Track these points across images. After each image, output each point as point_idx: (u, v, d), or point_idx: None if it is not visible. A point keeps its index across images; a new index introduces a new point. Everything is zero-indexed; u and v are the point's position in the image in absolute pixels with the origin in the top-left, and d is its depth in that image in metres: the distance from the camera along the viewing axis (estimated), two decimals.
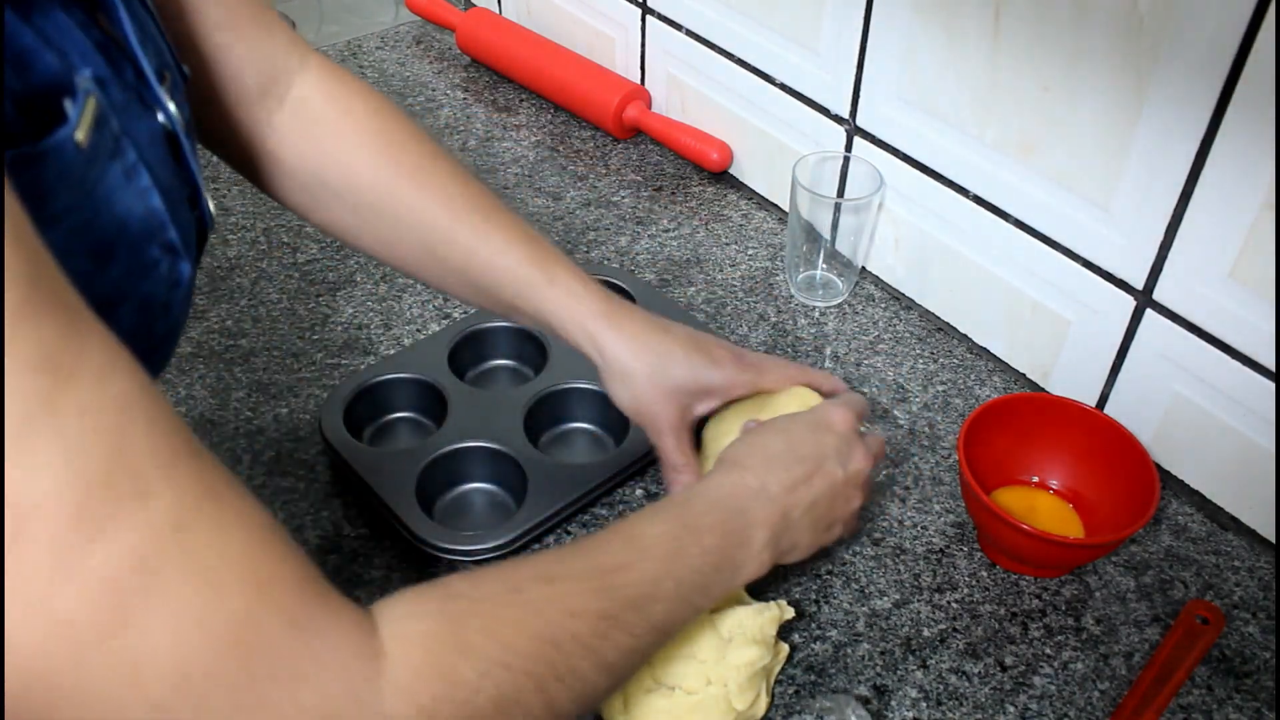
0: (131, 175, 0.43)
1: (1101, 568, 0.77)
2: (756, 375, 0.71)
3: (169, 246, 0.46)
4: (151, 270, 0.46)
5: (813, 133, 1.02)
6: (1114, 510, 0.75)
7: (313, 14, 1.46)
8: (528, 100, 1.27)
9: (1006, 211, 0.87)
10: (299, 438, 0.84)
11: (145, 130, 0.46)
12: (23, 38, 0.38)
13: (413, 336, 0.93)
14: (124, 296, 0.44)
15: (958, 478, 0.81)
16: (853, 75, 0.95)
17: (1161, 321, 0.79)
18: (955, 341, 0.96)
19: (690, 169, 1.16)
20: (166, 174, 0.47)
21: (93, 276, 0.42)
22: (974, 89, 0.84)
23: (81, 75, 0.40)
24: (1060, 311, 0.87)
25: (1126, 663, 0.71)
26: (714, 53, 1.09)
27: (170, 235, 0.46)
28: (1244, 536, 0.80)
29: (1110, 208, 0.79)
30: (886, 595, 0.75)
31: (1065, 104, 0.78)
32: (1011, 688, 0.69)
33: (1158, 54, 0.71)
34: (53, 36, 0.40)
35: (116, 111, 0.43)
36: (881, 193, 0.95)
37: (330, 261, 1.01)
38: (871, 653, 0.71)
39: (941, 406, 0.89)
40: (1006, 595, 0.75)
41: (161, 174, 0.46)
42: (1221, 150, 0.70)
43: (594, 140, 1.20)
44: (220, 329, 0.93)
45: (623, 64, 1.23)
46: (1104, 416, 0.78)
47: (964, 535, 0.79)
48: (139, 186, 0.44)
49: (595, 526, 0.78)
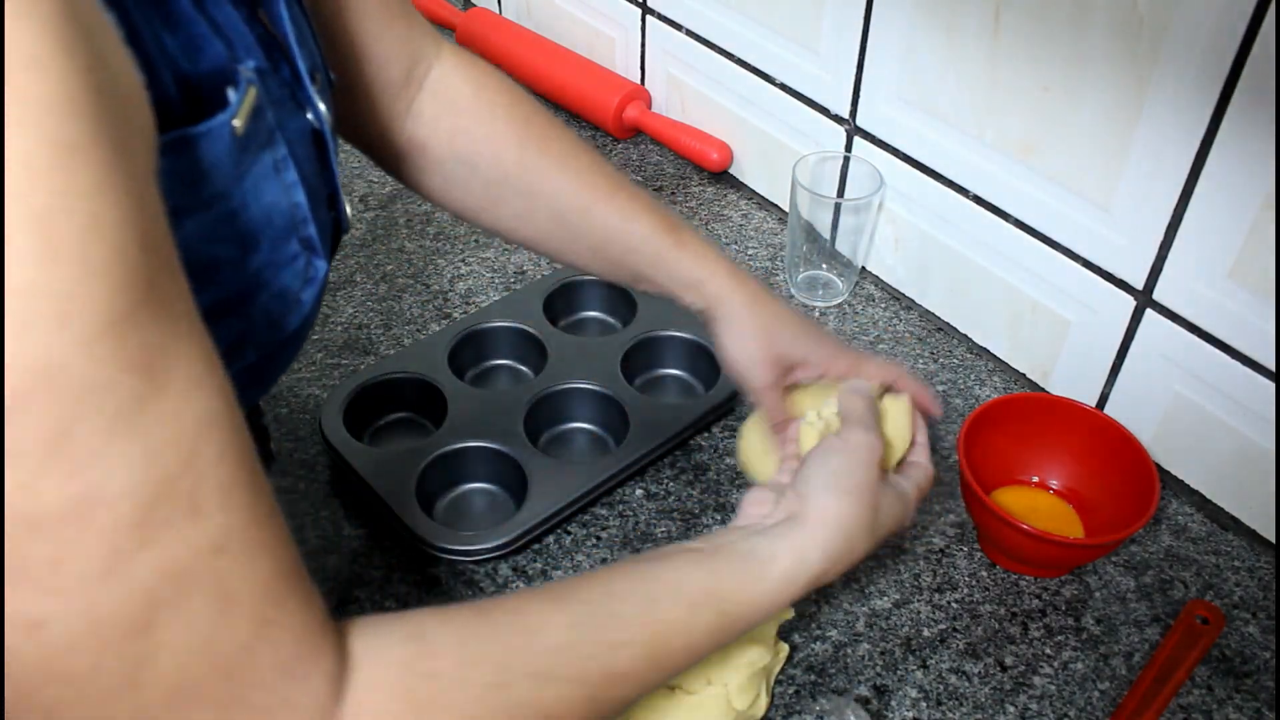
0: (281, 168, 0.45)
1: (1101, 568, 0.77)
2: (856, 361, 0.72)
3: (308, 242, 0.48)
4: (290, 263, 0.47)
5: (813, 133, 1.02)
6: (1114, 510, 0.75)
7: None
8: None
9: (1006, 211, 0.87)
10: (299, 438, 0.84)
11: (296, 127, 0.47)
12: (196, 25, 0.40)
13: (413, 336, 0.93)
14: (262, 286, 0.46)
15: (958, 478, 0.81)
16: (853, 75, 0.95)
17: (1161, 321, 0.79)
18: (955, 341, 0.96)
19: (690, 169, 1.16)
20: (311, 171, 0.48)
21: (237, 264, 0.44)
22: (974, 89, 0.84)
23: (245, 66, 0.42)
24: (1060, 311, 0.87)
25: (1126, 663, 0.71)
26: (714, 53, 1.09)
27: (309, 231, 0.48)
28: (1244, 536, 0.80)
29: (1110, 208, 0.79)
30: (886, 595, 0.75)
31: (1065, 104, 0.78)
32: (1011, 688, 0.69)
33: (1158, 54, 0.71)
34: (223, 26, 0.42)
35: (272, 105, 0.45)
36: (881, 193, 0.95)
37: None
38: (871, 653, 0.71)
39: (941, 406, 0.89)
40: (1006, 595, 0.75)
41: (308, 171, 0.48)
42: (1221, 150, 0.70)
43: (594, 140, 1.20)
44: None
45: (623, 64, 1.23)
46: (1104, 416, 0.78)
47: (964, 535, 0.79)
48: (286, 180, 0.46)
49: (595, 526, 0.78)
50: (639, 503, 0.80)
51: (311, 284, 0.49)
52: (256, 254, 0.45)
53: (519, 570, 0.75)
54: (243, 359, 0.46)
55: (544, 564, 0.76)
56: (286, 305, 0.48)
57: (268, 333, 0.47)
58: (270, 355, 0.48)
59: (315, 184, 0.49)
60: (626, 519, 0.79)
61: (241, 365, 0.46)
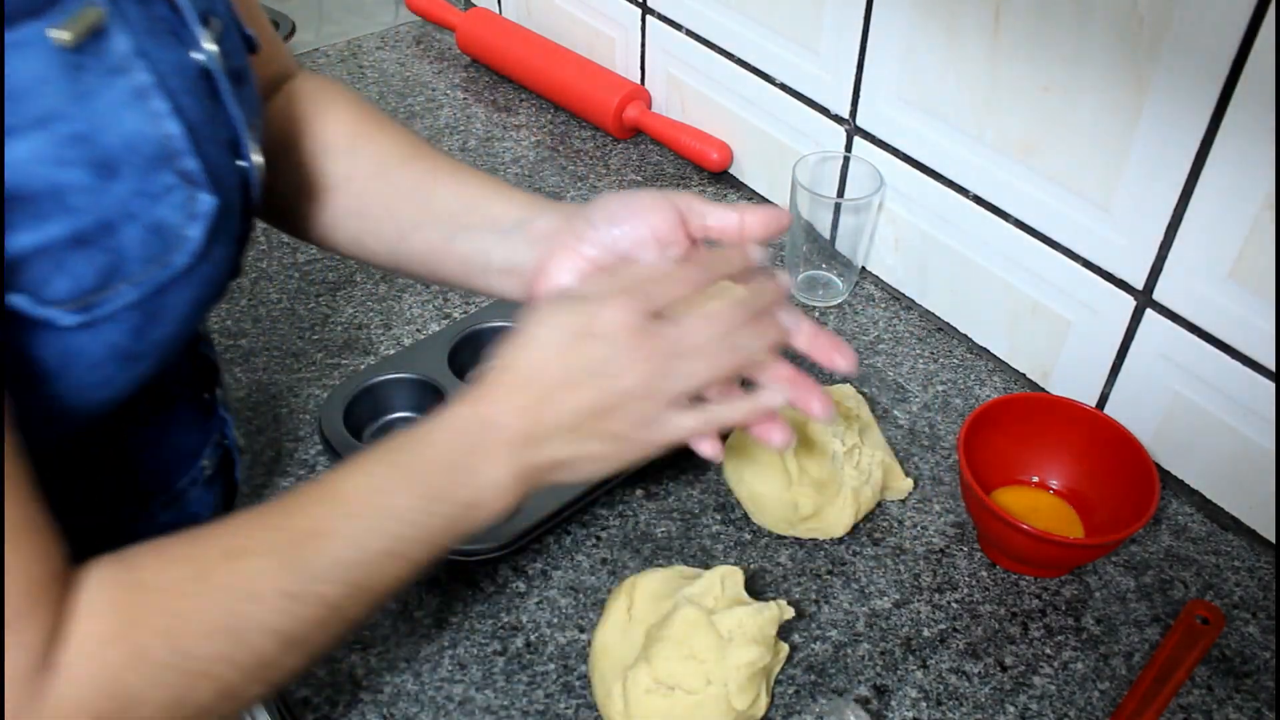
0: (144, 96, 0.45)
1: (1101, 568, 0.77)
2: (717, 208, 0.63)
3: (188, 175, 0.47)
4: (165, 195, 0.46)
5: (813, 133, 1.02)
6: (1114, 510, 0.75)
7: (313, 14, 1.46)
8: (528, 100, 1.27)
9: (1006, 211, 0.87)
10: (299, 438, 0.84)
11: (173, 60, 0.47)
12: None
13: (413, 336, 0.93)
14: (130, 217, 0.45)
15: (958, 478, 0.81)
16: (853, 75, 0.95)
17: (1161, 321, 0.79)
18: (955, 341, 0.96)
19: (690, 169, 1.16)
20: (194, 107, 0.48)
21: (93, 191, 0.43)
22: (974, 89, 0.84)
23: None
24: (1060, 311, 0.87)
25: (1126, 663, 0.71)
26: (714, 53, 1.09)
27: (188, 164, 0.47)
28: (1244, 536, 0.80)
29: (1110, 208, 0.79)
30: (886, 595, 0.75)
31: (1065, 104, 0.78)
32: (1011, 688, 0.69)
33: (1158, 54, 0.71)
34: None
35: (134, 33, 0.45)
36: (881, 193, 0.95)
37: (330, 261, 1.01)
38: (871, 653, 0.71)
39: (941, 406, 0.89)
40: (1006, 595, 0.75)
41: (188, 105, 0.47)
42: (1221, 150, 0.70)
43: (594, 140, 1.20)
44: (220, 329, 0.93)
45: (623, 64, 1.23)
46: (1104, 416, 0.78)
47: (964, 535, 0.79)
48: (152, 109, 0.45)
49: (595, 526, 0.78)
50: (639, 503, 0.80)
51: (197, 219, 0.48)
52: (117, 182, 0.44)
53: (519, 570, 0.75)
54: (120, 296, 0.46)
55: (544, 564, 0.76)
56: (167, 240, 0.47)
57: (145, 268, 0.46)
58: (160, 293, 0.47)
59: (200, 121, 0.48)
60: (626, 519, 0.79)
61: (122, 303, 0.46)
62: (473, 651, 0.70)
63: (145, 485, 0.61)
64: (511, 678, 0.69)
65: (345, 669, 0.69)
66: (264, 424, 0.85)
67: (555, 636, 0.71)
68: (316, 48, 1.35)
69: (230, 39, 0.54)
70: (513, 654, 0.70)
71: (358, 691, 0.68)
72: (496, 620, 0.72)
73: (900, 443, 0.86)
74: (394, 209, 0.67)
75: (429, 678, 0.69)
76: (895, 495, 0.81)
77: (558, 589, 0.74)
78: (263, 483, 0.80)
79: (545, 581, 0.75)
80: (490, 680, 0.69)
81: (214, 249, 0.50)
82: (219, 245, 0.50)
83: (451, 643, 0.71)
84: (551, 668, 0.69)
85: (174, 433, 0.62)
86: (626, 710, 0.63)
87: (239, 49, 0.55)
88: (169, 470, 0.62)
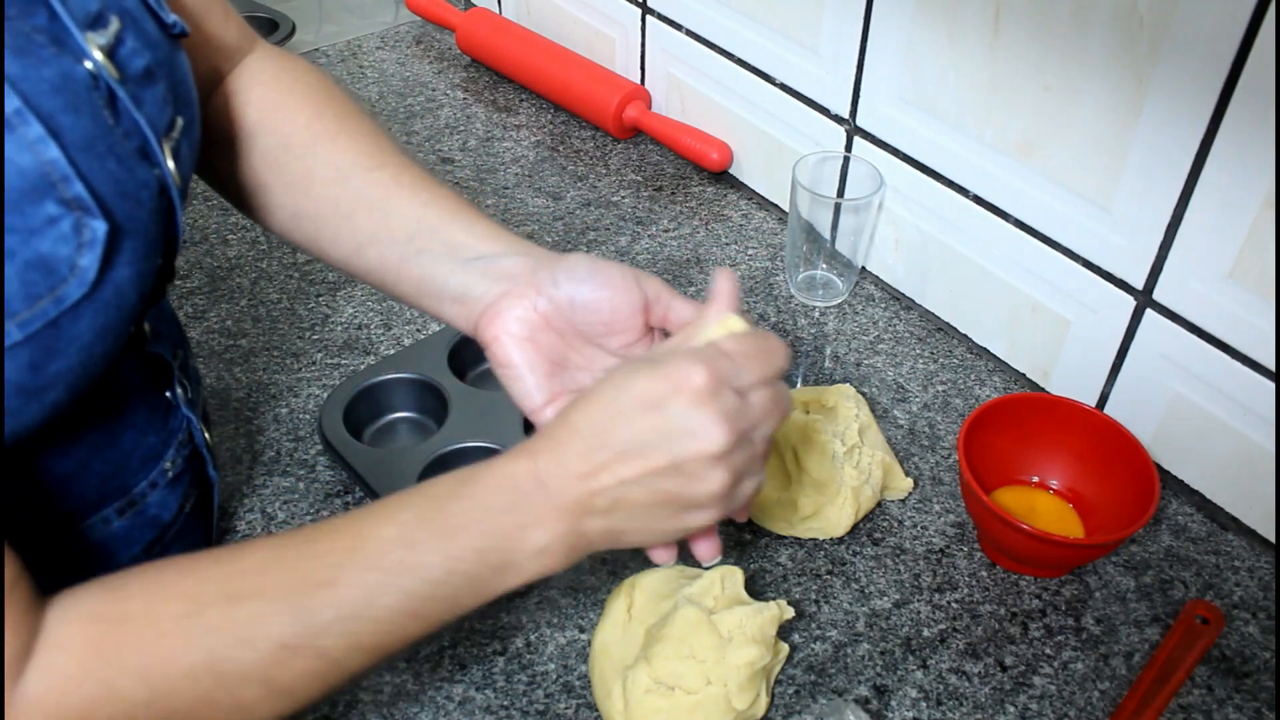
0: (14, 124, 0.41)
1: (1101, 568, 0.77)
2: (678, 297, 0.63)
3: (75, 202, 0.43)
4: (46, 228, 0.43)
5: (813, 133, 1.02)
6: (1114, 510, 0.75)
7: (313, 14, 1.46)
8: (528, 100, 1.27)
9: (1006, 211, 0.87)
10: (299, 438, 0.84)
11: (49, 76, 0.44)
12: None
13: (413, 336, 0.93)
14: (6, 256, 0.41)
15: (958, 478, 0.81)
16: (853, 75, 0.95)
17: (1161, 321, 0.79)
18: (955, 341, 0.96)
19: (690, 169, 1.16)
20: (81, 124, 0.45)
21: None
22: (974, 89, 0.84)
23: None
24: (1060, 311, 0.87)
25: (1126, 663, 0.71)
26: (714, 53, 1.09)
27: (74, 190, 0.43)
28: (1244, 536, 0.80)
29: (1110, 208, 0.79)
30: (886, 595, 0.75)
31: (1065, 104, 0.78)
32: (1011, 688, 0.69)
33: (1158, 54, 0.71)
34: None
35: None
36: (881, 193, 0.95)
37: None
38: (871, 653, 0.71)
39: (941, 406, 0.89)
40: (1006, 595, 0.75)
41: (69, 123, 0.44)
42: (1221, 150, 0.70)
43: (594, 140, 1.20)
44: (220, 329, 0.93)
45: (623, 64, 1.23)
46: (1104, 416, 0.78)
47: (964, 535, 0.79)
48: (25, 136, 0.42)
49: None
50: None
51: (89, 248, 0.44)
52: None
53: None
54: (7, 337, 0.42)
55: None
56: (54, 273, 0.43)
57: (29, 306, 0.42)
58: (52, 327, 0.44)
59: (89, 138, 0.45)
60: None
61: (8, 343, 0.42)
62: (473, 651, 0.70)
63: (98, 490, 0.58)
64: (511, 677, 0.69)
65: None
66: (264, 424, 0.85)
67: (555, 636, 0.71)
68: (316, 48, 1.35)
69: (136, 36, 0.50)
70: (513, 654, 0.70)
71: (358, 691, 0.68)
72: (496, 620, 0.72)
73: (900, 443, 0.86)
74: (351, 220, 0.64)
75: (429, 678, 0.69)
76: (895, 495, 0.81)
77: (558, 589, 0.74)
78: (263, 483, 0.80)
79: (545, 581, 0.75)
80: (490, 680, 0.69)
81: (115, 274, 0.46)
82: (122, 268, 0.47)
83: (451, 643, 0.71)
84: (551, 668, 0.69)
85: (128, 436, 0.59)
86: (626, 710, 0.63)
87: (151, 44, 0.51)
88: (124, 474, 0.59)
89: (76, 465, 0.56)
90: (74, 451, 0.56)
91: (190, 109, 0.55)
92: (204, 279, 0.98)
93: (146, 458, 0.61)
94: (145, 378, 0.61)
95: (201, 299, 0.96)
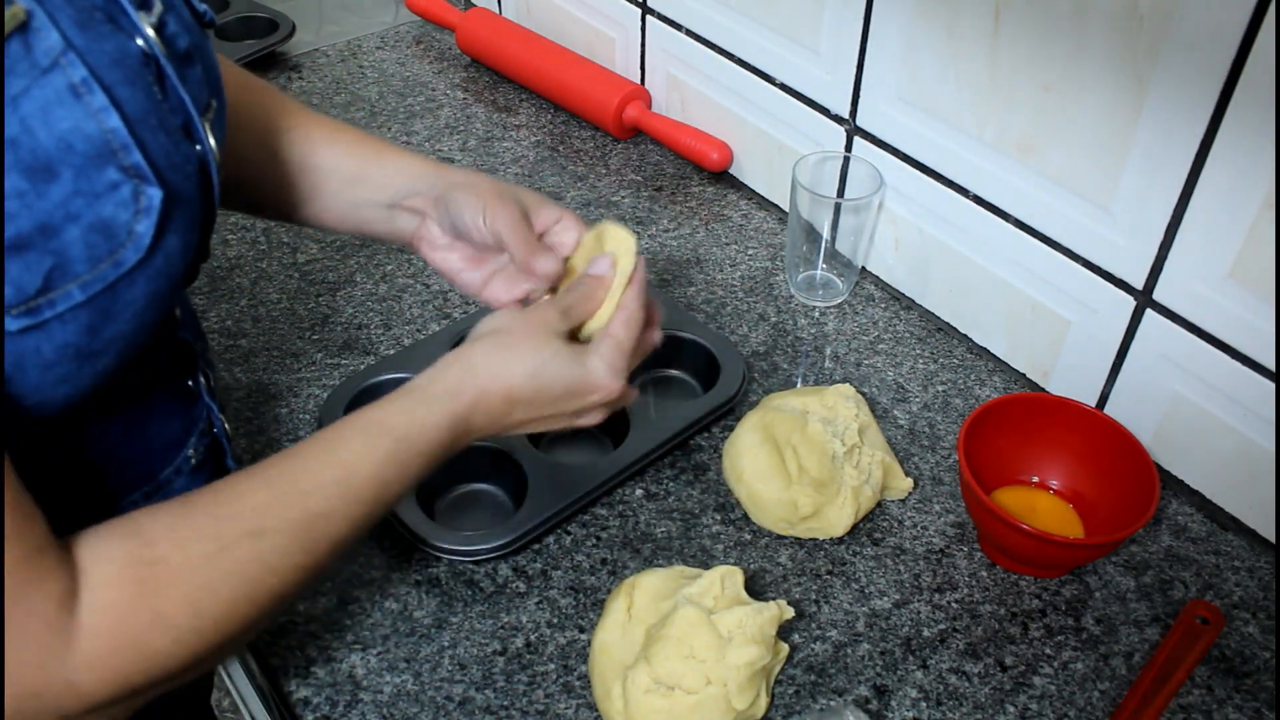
0: (80, 93, 0.44)
1: (1101, 568, 0.77)
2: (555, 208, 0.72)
3: (134, 170, 0.46)
4: (110, 193, 0.45)
5: (813, 133, 1.02)
6: (1114, 510, 0.75)
7: (313, 14, 1.46)
8: (528, 100, 1.27)
9: (1006, 211, 0.87)
10: (299, 438, 0.84)
11: (110, 50, 0.46)
12: None
13: (413, 336, 0.93)
14: (72, 217, 0.44)
15: (958, 478, 0.81)
16: (853, 75, 0.95)
17: (1161, 321, 0.79)
18: (955, 341, 0.96)
19: (690, 169, 1.16)
20: (138, 96, 0.47)
21: (27, 196, 0.42)
22: (974, 89, 0.84)
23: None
24: (1060, 311, 0.87)
25: (1126, 663, 0.71)
26: (714, 53, 1.09)
27: (134, 158, 0.46)
28: (1244, 536, 0.80)
29: (1110, 208, 0.79)
30: (886, 595, 0.75)
31: (1065, 104, 0.78)
32: (1011, 688, 0.69)
33: (1158, 54, 0.71)
34: None
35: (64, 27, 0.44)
36: (881, 193, 0.95)
37: (330, 261, 1.01)
38: (871, 653, 0.71)
39: (941, 406, 0.89)
40: (1006, 595, 0.75)
41: (128, 96, 0.46)
42: (1221, 150, 0.70)
43: (594, 140, 1.20)
44: (220, 329, 0.93)
45: (622, 64, 1.23)
46: (1104, 416, 0.78)
47: (964, 535, 0.79)
48: (91, 105, 0.44)
49: (595, 526, 0.78)
50: (639, 503, 0.80)
51: (146, 214, 0.47)
52: (56, 184, 0.43)
53: (519, 570, 0.75)
54: (67, 298, 0.45)
55: (544, 564, 0.76)
56: (114, 238, 0.46)
57: (92, 268, 0.45)
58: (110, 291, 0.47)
59: (144, 111, 0.47)
60: (626, 519, 0.79)
61: (69, 305, 0.45)
62: (473, 651, 0.70)
63: (126, 475, 0.61)
64: (511, 678, 0.69)
65: (345, 669, 0.69)
66: (264, 424, 0.85)
67: (555, 636, 0.71)
68: (316, 48, 1.35)
69: (177, 18, 0.52)
70: (513, 654, 0.70)
71: (358, 691, 0.68)
72: (496, 620, 0.72)
73: (900, 443, 0.86)
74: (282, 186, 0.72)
75: (429, 678, 0.69)
76: (895, 495, 0.81)
77: (558, 589, 0.74)
78: None
79: (545, 581, 0.75)
80: (490, 680, 0.69)
81: (166, 241, 0.49)
82: (172, 236, 0.49)
83: (451, 643, 0.71)
84: (551, 668, 0.69)
85: (155, 422, 0.62)
86: (626, 710, 0.63)
87: (188, 27, 0.54)
88: (151, 459, 0.62)
89: (109, 448, 0.59)
90: (108, 432, 0.59)
91: (221, 94, 0.58)
92: (204, 279, 0.98)
93: (171, 444, 0.64)
94: (172, 364, 0.64)
95: (201, 299, 0.96)
